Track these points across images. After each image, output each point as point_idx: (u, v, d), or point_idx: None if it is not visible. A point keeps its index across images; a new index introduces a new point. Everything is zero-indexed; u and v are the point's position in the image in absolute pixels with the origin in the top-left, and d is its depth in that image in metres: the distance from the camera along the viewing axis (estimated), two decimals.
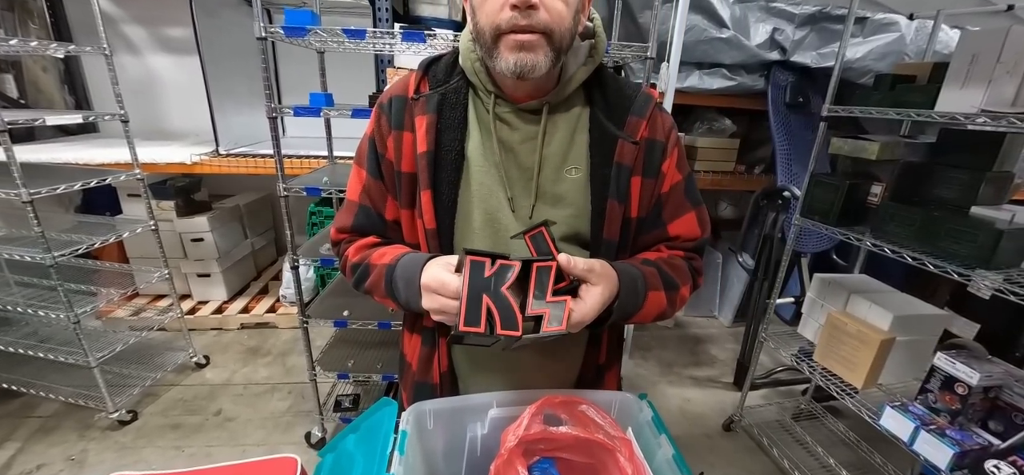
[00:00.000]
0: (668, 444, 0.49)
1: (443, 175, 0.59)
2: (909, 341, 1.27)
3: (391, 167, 0.61)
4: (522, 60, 0.51)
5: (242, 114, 2.29)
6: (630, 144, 0.58)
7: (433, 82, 0.61)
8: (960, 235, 1.06)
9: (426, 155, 0.58)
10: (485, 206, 0.59)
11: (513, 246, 0.59)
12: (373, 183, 0.63)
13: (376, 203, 0.64)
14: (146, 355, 1.94)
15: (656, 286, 0.58)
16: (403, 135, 0.60)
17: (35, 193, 1.37)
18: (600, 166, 0.59)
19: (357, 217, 0.65)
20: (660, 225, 0.63)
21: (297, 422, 1.71)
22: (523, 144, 0.59)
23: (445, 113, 0.59)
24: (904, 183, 1.25)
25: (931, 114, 1.10)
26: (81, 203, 2.48)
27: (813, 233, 1.99)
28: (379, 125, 0.62)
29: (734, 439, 1.73)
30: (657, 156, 0.61)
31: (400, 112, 0.60)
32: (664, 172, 0.62)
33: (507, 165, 0.59)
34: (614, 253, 0.60)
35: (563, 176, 0.59)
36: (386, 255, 0.61)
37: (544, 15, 0.50)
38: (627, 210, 0.60)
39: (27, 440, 1.60)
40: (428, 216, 0.59)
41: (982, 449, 1.01)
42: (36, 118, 1.42)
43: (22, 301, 1.64)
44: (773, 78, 2.01)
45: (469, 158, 0.59)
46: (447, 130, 0.59)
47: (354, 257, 0.64)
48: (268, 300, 2.45)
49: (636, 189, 0.60)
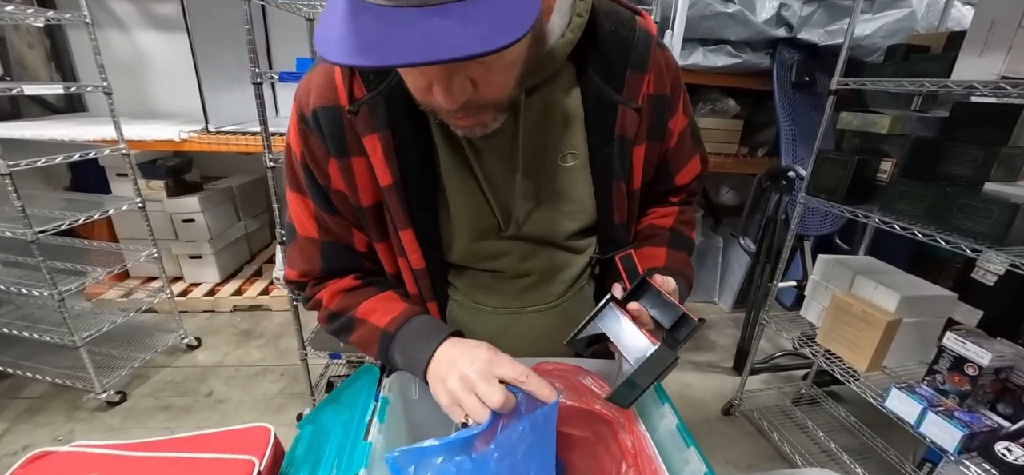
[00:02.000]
0: (671, 414, 0.45)
1: (419, 206, 0.48)
2: (915, 323, 1.24)
3: (345, 200, 0.49)
4: (471, 131, 0.41)
5: (232, 92, 2.23)
6: (632, 110, 0.48)
7: (367, 78, 0.44)
8: (974, 211, 1.02)
9: (394, 188, 0.46)
10: (472, 230, 0.51)
11: (512, 262, 0.53)
12: (328, 217, 0.51)
13: (340, 237, 0.52)
14: (136, 337, 1.91)
15: (691, 274, 0.57)
16: (351, 162, 0.46)
17: (14, 165, 1.32)
18: (600, 145, 0.49)
19: (325, 258, 0.53)
20: (668, 178, 0.58)
21: (289, 403, 1.69)
22: (502, 145, 0.47)
23: (399, 125, 0.45)
24: (915, 159, 1.21)
25: (947, 83, 1.05)
26: (70, 183, 2.42)
27: (817, 215, 1.95)
28: (309, 148, 0.47)
29: (734, 424, 1.71)
30: (665, 113, 0.51)
31: (338, 132, 0.45)
32: (671, 129, 0.53)
33: (488, 174, 0.48)
34: (624, 231, 0.54)
35: (557, 166, 0.49)
36: (377, 311, 0.50)
37: (482, 98, 0.37)
38: (631, 184, 0.53)
39: (14, 421, 1.58)
40: (414, 257, 0.50)
41: (991, 431, 0.98)
42: (13, 87, 1.36)
43: (5, 279, 1.60)
44: (779, 56, 1.95)
45: (443, 177, 0.48)
46: (409, 149, 0.46)
47: (331, 305, 0.53)
48: (261, 282, 2.41)
49: (640, 158, 0.51)
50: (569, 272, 0.56)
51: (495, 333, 0.55)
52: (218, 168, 2.59)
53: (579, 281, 0.57)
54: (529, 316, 0.56)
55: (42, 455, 0.44)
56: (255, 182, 2.67)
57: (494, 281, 0.54)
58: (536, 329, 0.56)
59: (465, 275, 0.55)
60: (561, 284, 0.56)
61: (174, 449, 0.45)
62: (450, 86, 0.34)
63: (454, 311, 0.56)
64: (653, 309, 0.46)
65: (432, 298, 0.54)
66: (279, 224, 1.33)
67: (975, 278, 1.61)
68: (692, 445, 0.41)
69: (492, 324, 0.56)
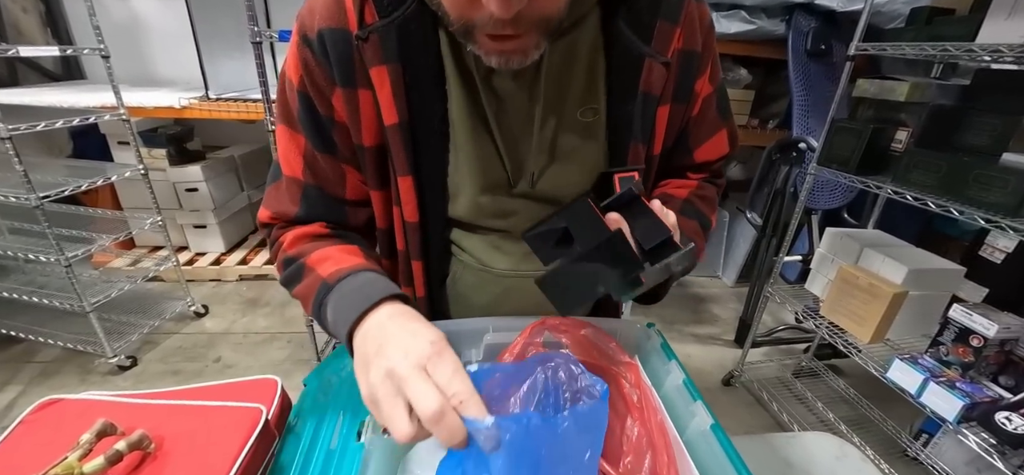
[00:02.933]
0: (678, 370, 0.45)
1: (426, 151, 0.44)
2: (921, 296, 1.23)
3: (346, 136, 0.45)
4: (508, 60, 0.37)
5: (232, 58, 2.18)
6: (660, 64, 0.43)
7: (380, 5, 0.40)
8: (989, 182, 1.00)
9: (399, 128, 0.42)
10: (480, 183, 0.46)
11: (520, 222, 0.48)
12: (322, 157, 0.46)
13: (328, 182, 0.47)
14: (145, 304, 1.94)
15: (701, 246, 0.50)
16: (357, 94, 0.42)
17: (14, 129, 1.31)
18: (620, 101, 0.45)
19: (304, 203, 0.47)
20: (686, 151, 0.53)
21: (296, 369, 1.72)
22: (522, 89, 0.44)
23: (411, 59, 0.41)
24: (932, 128, 1.17)
25: (971, 47, 1.01)
26: (72, 153, 2.41)
27: (826, 188, 1.92)
28: (310, 75, 0.42)
29: (733, 394, 1.73)
30: (693, 72, 0.46)
31: (345, 59, 0.41)
32: (697, 91, 0.48)
33: (503, 123, 0.44)
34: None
35: (576, 120, 0.46)
36: (328, 260, 0.44)
37: (536, 11, 0.33)
38: (650, 148, 0.48)
39: (28, 383, 1.62)
40: (409, 208, 0.46)
41: (992, 402, 0.98)
42: (9, 49, 1.34)
43: (13, 246, 1.61)
44: (795, 23, 1.88)
45: (454, 124, 0.44)
46: (420, 86, 0.42)
47: (290, 248, 0.47)
48: (266, 252, 2.42)
49: (663, 120, 0.47)
50: None
51: (499, 296, 0.53)
52: (220, 137, 2.57)
53: None
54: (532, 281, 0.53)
55: (53, 401, 0.44)
56: (257, 152, 2.65)
57: (501, 241, 0.51)
58: (542, 295, 0.54)
59: (472, 234, 0.52)
60: None
61: (183, 398, 0.45)
62: None
63: (459, 272, 0.54)
64: (637, 229, 0.37)
65: (419, 256, 0.50)
66: None
67: (983, 255, 1.60)
68: (698, 399, 0.41)
69: (497, 287, 0.53)
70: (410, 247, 0.50)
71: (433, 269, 0.53)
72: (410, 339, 0.33)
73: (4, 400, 1.54)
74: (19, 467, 0.37)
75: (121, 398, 0.45)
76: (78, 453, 0.35)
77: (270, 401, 0.45)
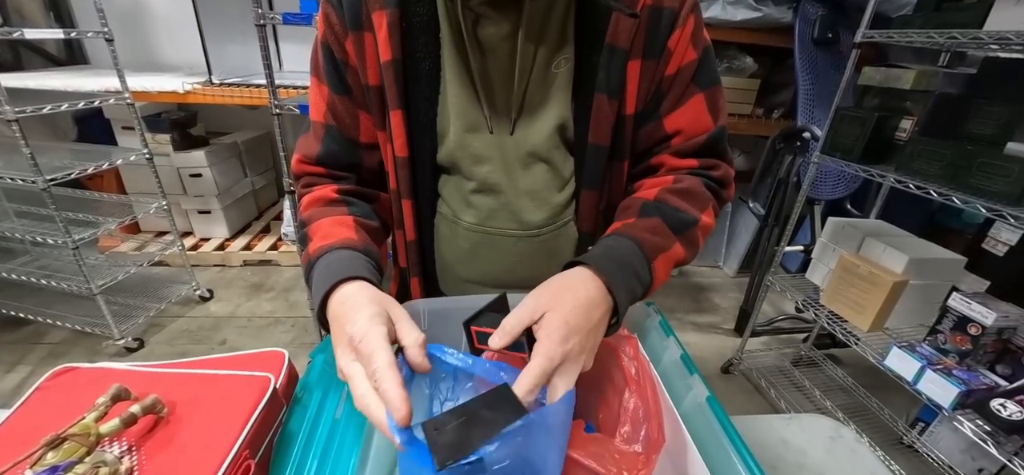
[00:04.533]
0: (676, 346, 0.46)
1: (417, 90, 0.48)
2: (921, 286, 1.23)
3: (357, 78, 0.50)
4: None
5: (235, 42, 2.18)
6: (627, 17, 0.45)
7: None
8: (993, 171, 1.00)
9: (392, 65, 0.47)
10: (461, 123, 0.49)
11: (493, 171, 0.50)
12: (338, 100, 0.51)
13: (345, 124, 0.53)
14: (151, 288, 1.96)
15: (662, 245, 0.45)
16: (363, 36, 0.48)
17: (20, 112, 1.32)
18: (587, 52, 0.47)
19: (325, 142, 0.53)
20: (656, 119, 0.50)
21: (301, 353, 1.74)
22: (504, 41, 0.47)
23: (410, 8, 0.47)
24: (937, 117, 1.17)
25: (979, 35, 1.00)
26: (76, 137, 2.42)
27: (830, 178, 1.91)
28: (330, 25, 0.49)
29: (732, 381, 1.75)
30: (664, 29, 0.46)
31: (355, 5, 0.47)
32: (670, 49, 0.47)
33: (485, 72, 0.48)
34: (604, 159, 0.50)
35: (550, 73, 0.48)
36: (320, 232, 0.47)
37: None
38: (621, 105, 0.48)
39: (38, 364, 1.65)
40: (399, 142, 0.50)
41: (988, 389, 0.99)
42: (13, 31, 1.34)
43: (21, 229, 1.63)
44: (802, 11, 1.86)
45: (445, 67, 0.48)
46: (415, 30, 0.47)
47: (304, 210, 0.52)
48: (270, 238, 2.44)
49: (635, 77, 0.47)
50: (550, 199, 0.52)
51: (468, 252, 0.55)
52: (223, 123, 2.57)
53: (563, 214, 0.54)
54: (503, 240, 0.54)
55: (67, 369, 0.46)
56: (260, 138, 2.65)
57: (472, 194, 0.53)
58: (510, 256, 0.54)
59: (450, 183, 0.54)
60: (540, 212, 0.53)
61: (194, 368, 0.46)
62: None
63: (438, 223, 0.57)
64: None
65: (409, 195, 0.53)
66: (287, 176, 1.33)
67: (986, 248, 1.60)
68: (695, 373, 0.42)
69: (466, 242, 0.55)
70: (400, 185, 0.53)
71: (423, 212, 0.56)
72: (342, 329, 0.36)
73: (14, 380, 1.57)
74: (38, 428, 0.38)
75: (134, 366, 0.46)
76: (94, 415, 0.36)
77: (278, 371, 0.46)
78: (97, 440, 0.35)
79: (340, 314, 0.37)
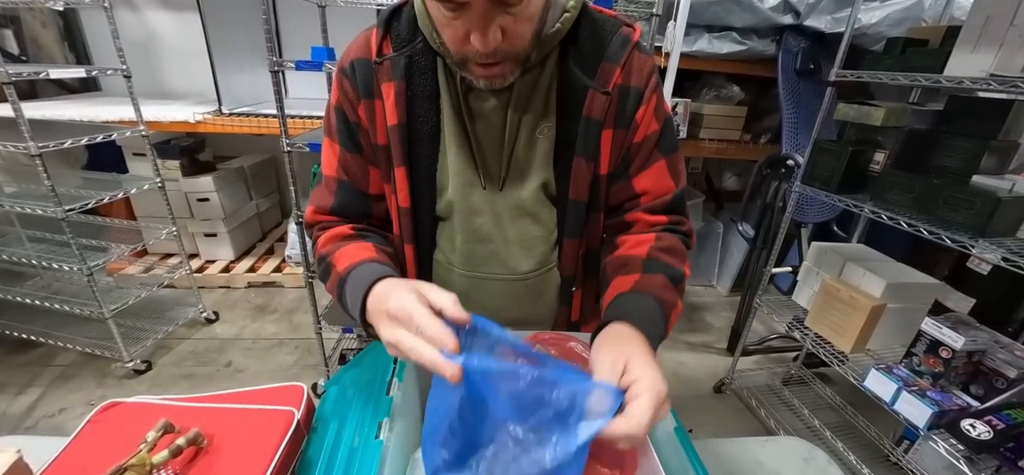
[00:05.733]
0: None
1: (419, 150, 0.56)
2: (900, 309, 1.29)
3: (367, 137, 0.57)
4: (491, 82, 0.50)
5: (244, 73, 2.28)
6: (601, 94, 0.53)
7: (396, 42, 0.54)
8: (958, 203, 1.07)
9: (397, 129, 0.54)
10: (458, 181, 0.57)
11: (486, 223, 0.58)
12: (350, 157, 0.59)
13: (356, 178, 0.60)
14: (158, 310, 2.01)
15: (672, 301, 0.52)
16: (374, 104, 0.55)
17: (43, 147, 1.39)
18: (568, 122, 0.55)
19: (338, 195, 0.60)
20: (626, 178, 0.58)
21: (304, 374, 1.79)
22: (495, 111, 0.55)
23: (414, 80, 0.54)
24: (908, 151, 1.25)
25: (939, 79, 1.08)
26: (87, 162, 2.50)
27: (814, 203, 1.98)
28: (344, 92, 0.56)
29: (724, 401, 1.79)
30: (631, 104, 0.55)
31: (367, 78, 0.54)
32: (637, 121, 0.56)
33: (478, 137, 0.56)
34: (583, 213, 0.58)
35: (535, 139, 0.56)
36: (345, 257, 0.55)
37: (509, 47, 0.46)
38: (597, 167, 0.56)
39: (48, 386, 1.69)
40: (402, 194, 0.57)
41: (960, 410, 1.05)
42: (40, 71, 1.42)
43: (36, 255, 1.69)
44: (785, 43, 1.96)
45: (444, 130, 0.56)
46: (418, 99, 0.54)
47: (322, 247, 0.59)
48: (274, 260, 2.50)
49: (607, 143, 0.55)
50: (535, 248, 0.60)
51: (462, 295, 0.59)
52: (229, 148, 2.66)
53: (548, 261, 0.62)
54: (491, 284, 0.61)
55: (113, 405, 0.51)
56: (265, 162, 2.73)
57: (465, 243, 0.60)
58: (499, 299, 0.62)
59: (445, 231, 0.61)
60: (528, 261, 0.60)
61: (223, 401, 0.52)
62: (486, 32, 0.43)
63: (435, 267, 0.64)
64: None
65: (411, 241, 0.61)
66: (295, 205, 1.39)
67: (970, 267, 1.66)
68: None
69: (459, 286, 0.61)
70: (404, 231, 0.60)
71: (423, 256, 0.63)
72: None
73: (26, 402, 1.61)
74: (93, 458, 0.44)
75: (170, 401, 0.52)
76: (147, 447, 0.42)
77: (298, 404, 0.52)
78: (151, 470, 0.41)
79: (378, 306, 0.45)
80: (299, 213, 1.41)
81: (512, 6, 0.43)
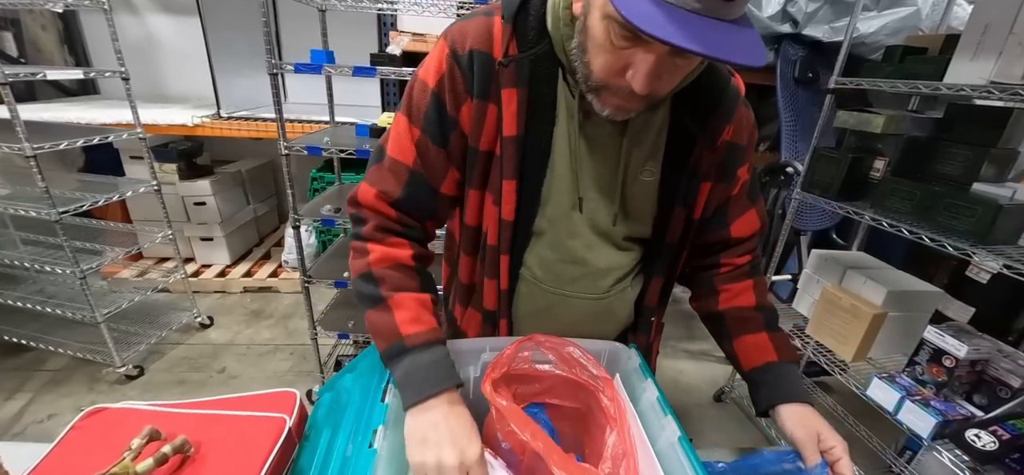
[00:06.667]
0: (653, 387, 0.50)
1: (530, 164, 0.53)
2: (901, 317, 1.29)
3: (463, 140, 0.53)
4: (617, 113, 0.48)
5: (243, 77, 2.27)
6: (709, 151, 0.55)
7: (523, 42, 0.49)
8: (959, 210, 1.06)
9: (515, 141, 0.51)
10: (558, 200, 0.55)
11: (581, 245, 0.58)
12: (432, 148, 0.53)
13: (432, 173, 0.55)
14: (152, 314, 1.99)
15: (793, 352, 0.60)
16: (487, 106, 0.51)
17: (38, 148, 1.38)
18: (674, 172, 0.55)
19: (408, 186, 0.54)
20: (723, 226, 0.62)
21: (299, 380, 1.76)
22: (609, 140, 0.54)
23: (535, 88, 0.50)
24: (907, 158, 1.24)
25: (939, 86, 1.08)
26: (84, 165, 2.49)
27: (814, 210, 1.98)
28: (452, 81, 0.51)
29: (724, 409, 1.77)
30: (736, 161, 0.58)
31: (485, 77, 0.50)
32: (739, 177, 0.59)
33: (584, 160, 0.54)
34: (674, 252, 0.60)
35: (637, 177, 0.56)
36: (406, 309, 0.52)
37: (656, 90, 0.44)
38: (691, 212, 0.58)
39: (38, 391, 1.66)
40: (508, 208, 0.54)
41: (964, 419, 1.03)
42: (37, 72, 1.41)
43: (29, 258, 1.67)
44: (783, 52, 1.97)
45: (556, 145, 0.53)
46: (537, 111, 0.51)
47: (374, 266, 0.53)
48: (270, 265, 2.48)
49: (705, 193, 0.57)
50: (618, 272, 0.61)
51: (544, 309, 0.62)
52: (227, 152, 2.65)
53: (623, 281, 0.62)
54: (576, 302, 0.61)
55: (99, 410, 0.50)
56: (263, 167, 2.73)
57: (558, 262, 0.59)
58: (579, 314, 0.62)
59: (536, 249, 0.59)
60: (609, 279, 0.61)
61: (213, 408, 0.51)
62: (654, 77, 0.42)
63: (520, 284, 0.61)
64: None
65: (507, 251, 0.58)
66: (292, 210, 1.38)
67: (969, 276, 1.65)
68: (669, 414, 0.46)
69: (543, 301, 0.61)
70: (502, 243, 0.57)
71: (514, 268, 0.60)
72: (466, 444, 0.46)
73: (15, 407, 1.58)
74: (76, 465, 0.42)
75: (158, 407, 0.50)
76: (131, 455, 0.41)
77: (291, 411, 0.51)
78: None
79: (451, 425, 0.47)
80: (297, 217, 1.40)
81: (688, 60, 0.43)
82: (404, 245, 0.55)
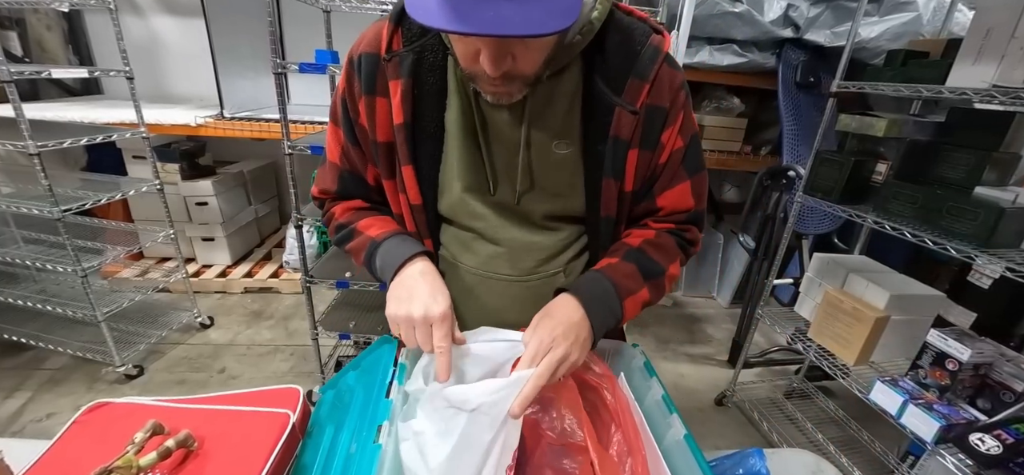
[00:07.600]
0: (657, 386, 0.50)
1: (423, 149, 0.55)
2: (903, 320, 1.28)
3: (365, 134, 0.57)
4: (499, 98, 0.49)
5: (247, 78, 2.28)
6: (628, 113, 0.51)
7: (408, 37, 0.52)
8: (962, 214, 1.06)
9: (404, 127, 0.53)
10: (465, 182, 0.56)
11: (488, 227, 0.58)
12: (351, 147, 0.59)
13: (356, 167, 0.62)
14: (152, 314, 1.98)
15: (633, 288, 0.54)
16: (375, 101, 0.54)
17: (42, 146, 1.38)
18: (594, 142, 0.53)
19: (341, 181, 0.63)
20: (650, 197, 0.58)
21: (299, 381, 1.74)
22: (508, 122, 0.54)
23: (422, 77, 0.53)
24: (909, 162, 1.25)
25: (941, 90, 1.09)
26: (86, 164, 2.49)
27: (816, 214, 1.98)
28: (349, 85, 0.56)
29: (725, 413, 1.77)
30: (658, 125, 0.53)
31: (372, 75, 0.54)
32: (663, 142, 0.55)
33: (488, 141, 0.55)
34: (612, 228, 0.58)
35: (552, 152, 0.54)
36: (374, 226, 0.60)
37: (518, 72, 0.45)
38: (622, 185, 0.56)
39: (37, 390, 1.65)
40: (412, 192, 0.57)
41: (968, 423, 1.03)
42: (41, 70, 1.42)
43: (31, 257, 1.67)
44: (785, 56, 1.98)
45: (448, 129, 0.55)
46: (425, 97, 0.53)
47: (341, 217, 0.63)
48: (271, 265, 2.48)
49: (632, 162, 0.54)
50: (540, 253, 0.59)
51: (464, 293, 0.61)
52: (229, 153, 2.65)
53: (550, 264, 0.60)
54: (496, 283, 0.60)
55: (101, 405, 0.50)
56: (265, 167, 2.73)
57: (472, 241, 0.60)
58: (502, 298, 0.61)
59: (450, 229, 0.61)
60: (530, 261, 0.59)
61: (216, 403, 0.50)
62: (496, 57, 0.43)
63: (442, 265, 0.62)
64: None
65: (428, 235, 0.61)
66: (295, 209, 1.38)
67: (971, 281, 1.65)
68: (674, 412, 0.46)
69: (461, 284, 0.61)
70: (419, 226, 0.61)
71: (437, 248, 0.63)
72: (430, 301, 0.50)
73: (14, 405, 1.58)
74: (78, 460, 0.42)
75: (161, 402, 0.50)
76: (134, 449, 0.40)
77: (294, 407, 0.50)
78: (137, 472, 0.39)
79: (419, 284, 0.52)
80: (300, 217, 1.40)
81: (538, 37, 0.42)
82: (358, 200, 0.64)
